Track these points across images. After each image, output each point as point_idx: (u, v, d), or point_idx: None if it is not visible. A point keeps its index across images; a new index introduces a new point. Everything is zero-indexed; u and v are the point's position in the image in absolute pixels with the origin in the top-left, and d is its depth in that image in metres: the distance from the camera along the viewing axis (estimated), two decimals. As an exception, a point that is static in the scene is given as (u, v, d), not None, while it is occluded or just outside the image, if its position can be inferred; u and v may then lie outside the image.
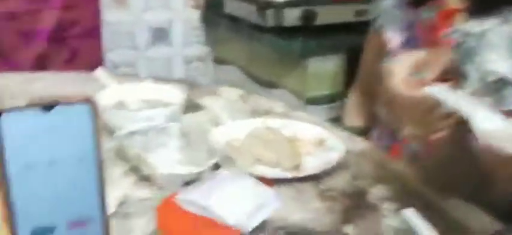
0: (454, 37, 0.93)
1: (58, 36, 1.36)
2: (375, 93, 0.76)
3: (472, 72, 0.87)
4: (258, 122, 0.82)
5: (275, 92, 2.04)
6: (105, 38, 1.58)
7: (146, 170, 0.65)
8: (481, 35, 0.88)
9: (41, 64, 1.32)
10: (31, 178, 0.43)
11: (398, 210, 0.61)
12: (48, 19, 1.32)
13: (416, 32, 1.01)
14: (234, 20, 1.88)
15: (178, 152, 0.72)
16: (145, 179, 0.66)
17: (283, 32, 1.75)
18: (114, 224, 0.49)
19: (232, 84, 2.30)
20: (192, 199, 0.53)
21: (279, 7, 1.66)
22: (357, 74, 1.36)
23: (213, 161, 0.66)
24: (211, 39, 2.13)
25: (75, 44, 1.40)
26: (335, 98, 1.90)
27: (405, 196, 0.66)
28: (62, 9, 1.33)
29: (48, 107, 0.43)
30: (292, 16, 1.69)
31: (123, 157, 0.69)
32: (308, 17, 1.71)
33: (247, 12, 1.77)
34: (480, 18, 0.89)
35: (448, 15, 0.95)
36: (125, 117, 0.74)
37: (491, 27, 0.88)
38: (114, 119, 0.75)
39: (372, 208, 0.63)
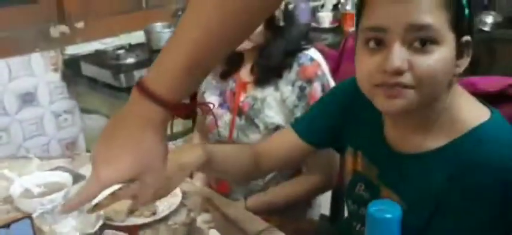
0: (248, 101, 1.42)
1: None
2: None
3: (260, 123, 1.39)
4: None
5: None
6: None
7: (58, 238, 1.05)
8: (263, 99, 1.39)
9: None
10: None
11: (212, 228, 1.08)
12: None
13: (226, 97, 1.49)
14: (92, 80, 2.22)
15: (76, 219, 1.11)
16: (59, 243, 1.05)
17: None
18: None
19: (100, 130, 2.61)
20: None
21: (130, 70, 2.04)
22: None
23: (100, 223, 1.07)
24: (75, 94, 2.44)
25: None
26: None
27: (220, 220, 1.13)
28: None
29: (6, 226, 0.82)
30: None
31: (40, 232, 1.07)
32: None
33: (103, 75, 2.11)
34: (262, 87, 1.41)
35: (243, 86, 1.45)
36: (33, 203, 1.11)
37: (269, 93, 1.39)
38: (26, 206, 1.12)
39: (198, 230, 1.09)
